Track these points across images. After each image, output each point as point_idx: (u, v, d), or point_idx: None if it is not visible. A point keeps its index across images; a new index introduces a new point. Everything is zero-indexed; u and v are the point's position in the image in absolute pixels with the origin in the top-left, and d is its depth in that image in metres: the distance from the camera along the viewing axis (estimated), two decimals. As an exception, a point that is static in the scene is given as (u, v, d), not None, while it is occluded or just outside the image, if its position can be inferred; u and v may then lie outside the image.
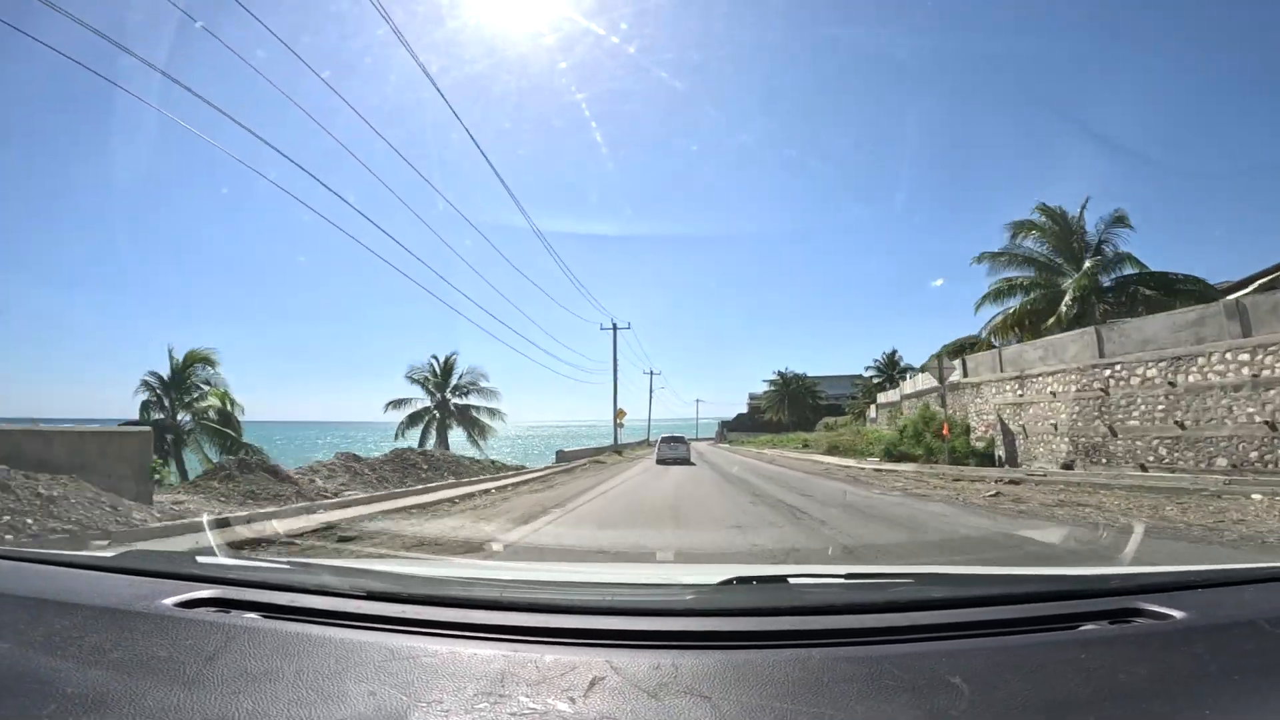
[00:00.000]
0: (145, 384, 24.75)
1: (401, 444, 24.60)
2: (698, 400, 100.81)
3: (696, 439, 67.18)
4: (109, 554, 1.64)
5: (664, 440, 25.27)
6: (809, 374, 73.21)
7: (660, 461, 23.02)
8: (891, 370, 53.30)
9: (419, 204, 29.61)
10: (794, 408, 69.09)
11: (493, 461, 22.39)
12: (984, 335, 24.22)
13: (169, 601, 1.22)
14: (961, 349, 26.30)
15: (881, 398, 39.85)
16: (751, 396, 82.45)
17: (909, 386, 30.90)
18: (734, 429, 76.18)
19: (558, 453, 28.39)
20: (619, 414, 40.35)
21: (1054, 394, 15.93)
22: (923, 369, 28.22)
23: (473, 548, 5.93)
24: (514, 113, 41.52)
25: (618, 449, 37.10)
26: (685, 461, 22.81)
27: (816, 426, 59.69)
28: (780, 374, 72.78)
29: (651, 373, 60.33)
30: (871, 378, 55.89)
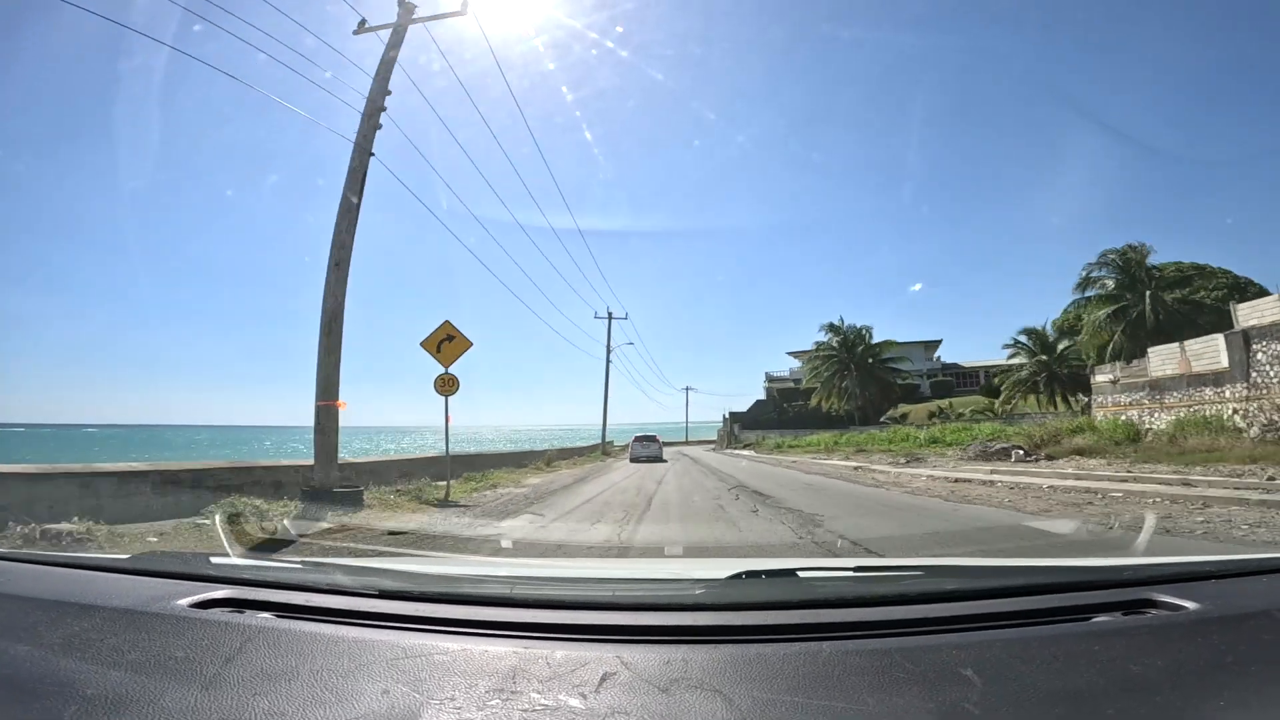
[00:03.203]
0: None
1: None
2: (687, 389, 68.41)
3: (687, 442, 53.85)
4: (124, 555, 1.66)
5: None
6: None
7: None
8: (1140, 268, 25.74)
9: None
10: (865, 386, 41.19)
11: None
12: None
13: (184, 602, 1.23)
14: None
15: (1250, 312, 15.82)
16: (770, 378, 56.23)
17: None
18: (749, 425, 49.60)
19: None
20: (444, 343, 10.41)
21: None
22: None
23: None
24: (511, 114, 41.23)
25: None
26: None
27: (901, 417, 37.26)
28: (834, 327, 42.79)
29: (610, 316, 34.17)
30: (1088, 305, 27.40)
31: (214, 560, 1.61)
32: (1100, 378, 21.33)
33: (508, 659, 0.97)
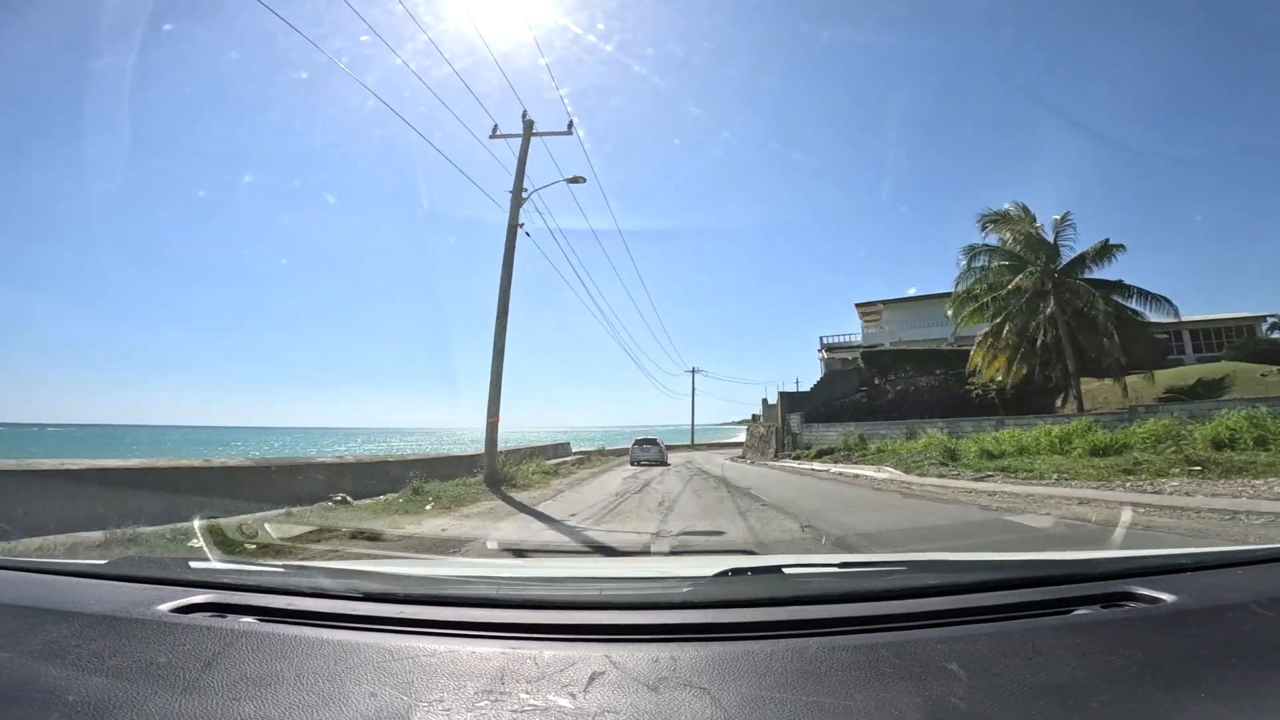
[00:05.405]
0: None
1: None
2: (694, 370, 56.16)
3: (693, 445, 48.71)
4: (102, 561, 1.63)
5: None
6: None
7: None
8: None
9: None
10: (1117, 333, 18.07)
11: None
12: None
13: (164, 607, 1.21)
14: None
15: None
16: (829, 346, 38.28)
17: None
18: (817, 416, 27.49)
19: None
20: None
21: None
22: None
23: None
24: (498, 110, 40.92)
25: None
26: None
27: (1197, 386, 19.95)
28: (1008, 217, 20.59)
29: (529, 129, 12.86)
30: None
31: (194, 565, 1.58)
32: None
33: (496, 660, 0.97)
